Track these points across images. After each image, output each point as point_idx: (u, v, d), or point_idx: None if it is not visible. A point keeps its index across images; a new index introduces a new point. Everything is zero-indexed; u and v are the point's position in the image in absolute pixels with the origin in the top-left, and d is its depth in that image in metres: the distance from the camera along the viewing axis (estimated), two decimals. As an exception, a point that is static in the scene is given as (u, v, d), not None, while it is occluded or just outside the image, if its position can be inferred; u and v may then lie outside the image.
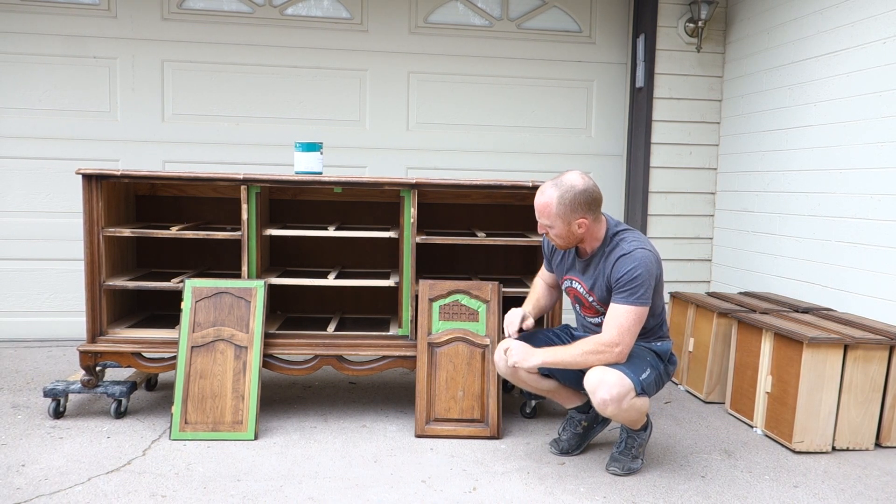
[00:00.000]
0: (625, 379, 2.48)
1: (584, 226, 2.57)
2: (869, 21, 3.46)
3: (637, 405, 2.53)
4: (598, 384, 2.47)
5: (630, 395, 2.48)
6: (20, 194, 4.38)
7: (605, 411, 2.49)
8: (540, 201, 2.58)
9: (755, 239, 4.33)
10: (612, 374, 2.48)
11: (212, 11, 4.48)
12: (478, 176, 4.55)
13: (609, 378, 2.47)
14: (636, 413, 2.56)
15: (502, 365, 2.76)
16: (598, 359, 2.51)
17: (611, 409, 2.48)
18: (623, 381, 2.47)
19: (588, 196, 2.54)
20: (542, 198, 2.58)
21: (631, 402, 2.50)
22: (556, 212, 2.55)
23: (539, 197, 2.59)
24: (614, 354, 2.51)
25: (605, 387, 2.46)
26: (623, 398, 2.47)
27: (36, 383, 3.59)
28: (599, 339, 2.53)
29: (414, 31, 4.65)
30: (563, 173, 2.60)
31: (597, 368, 2.51)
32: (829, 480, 2.70)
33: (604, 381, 2.47)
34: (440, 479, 2.62)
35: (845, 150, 3.60)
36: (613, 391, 2.45)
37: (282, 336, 3.19)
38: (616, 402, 2.46)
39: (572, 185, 2.54)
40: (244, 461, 2.72)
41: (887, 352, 2.97)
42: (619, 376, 2.47)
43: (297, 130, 4.51)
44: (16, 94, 4.34)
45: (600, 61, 4.82)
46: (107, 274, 3.15)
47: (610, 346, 2.51)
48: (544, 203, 2.57)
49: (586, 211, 2.55)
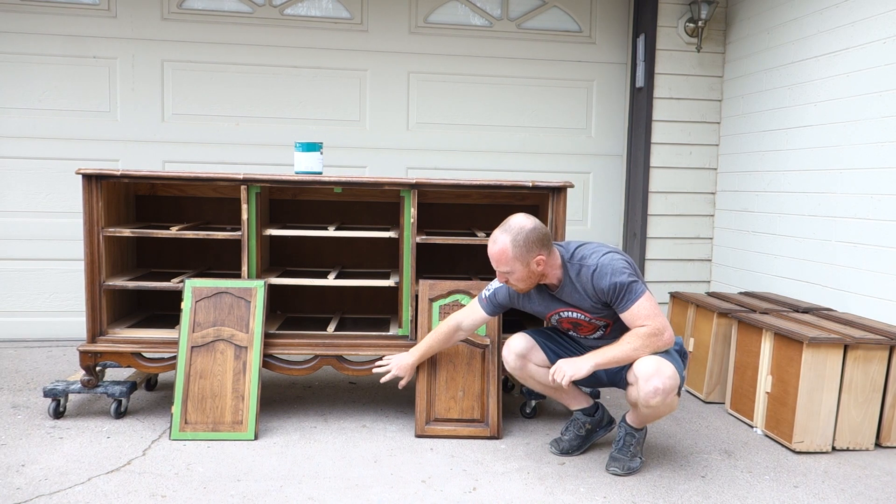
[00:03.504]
0: (677, 375, 2.53)
1: (542, 262, 2.57)
2: (869, 21, 3.46)
3: (674, 403, 2.60)
4: (655, 373, 2.48)
5: (675, 390, 2.54)
6: (20, 194, 4.38)
7: (652, 400, 2.50)
8: (494, 250, 2.57)
9: (755, 239, 4.33)
10: (668, 367, 2.51)
11: (212, 11, 4.48)
12: (478, 176, 4.55)
13: (666, 369, 2.50)
14: (668, 409, 2.61)
15: (512, 360, 2.81)
16: (651, 349, 2.53)
17: (658, 399, 2.49)
18: (676, 376, 2.52)
19: (539, 233, 2.55)
20: (495, 246, 2.57)
21: (672, 398, 2.56)
22: (512, 255, 2.54)
23: (492, 247, 2.58)
24: (665, 339, 2.53)
25: (660, 377, 2.48)
26: (671, 391, 2.51)
27: (36, 383, 3.59)
28: (644, 332, 2.52)
29: (414, 31, 4.65)
30: (508, 219, 2.60)
31: (652, 357, 2.52)
32: (830, 480, 2.70)
33: (661, 370, 2.49)
34: (440, 479, 2.62)
35: (845, 150, 3.60)
36: (668, 383, 2.49)
37: (282, 336, 3.19)
38: (665, 394, 2.49)
39: (521, 227, 2.55)
40: (244, 461, 2.72)
41: (887, 352, 2.98)
42: (674, 370, 2.52)
43: (297, 130, 4.51)
44: (16, 94, 4.33)
45: (600, 61, 4.82)
46: (107, 274, 3.15)
47: (656, 334, 2.52)
48: (500, 251, 2.55)
49: (541, 248, 2.55)
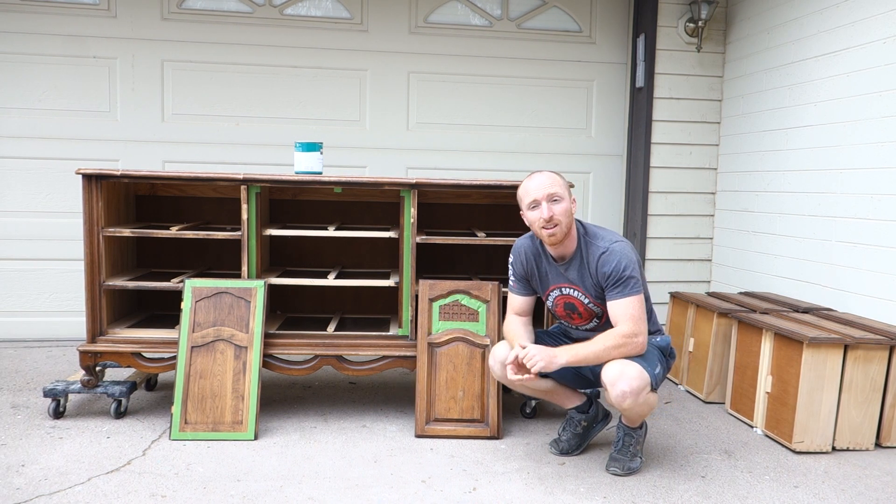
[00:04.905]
0: (644, 373, 2.50)
1: (575, 206, 2.63)
2: (869, 21, 3.46)
3: (650, 400, 2.57)
4: (619, 377, 2.47)
5: (647, 389, 2.51)
6: (20, 194, 4.38)
7: (623, 404, 2.50)
8: (543, 177, 2.61)
9: (755, 239, 4.33)
10: (632, 368, 2.49)
11: (212, 11, 4.48)
12: (478, 176, 4.55)
13: (629, 371, 2.48)
14: (647, 408, 2.58)
15: (497, 369, 2.77)
16: (622, 351, 2.52)
17: (628, 401, 2.48)
18: (642, 375, 2.49)
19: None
20: (542, 175, 2.62)
21: (646, 397, 2.53)
22: (561, 182, 2.61)
23: (539, 176, 2.62)
24: (637, 344, 2.52)
25: (625, 379, 2.46)
26: (641, 392, 2.49)
27: (36, 383, 3.59)
28: (619, 332, 2.53)
29: (414, 31, 4.65)
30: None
31: (616, 361, 2.51)
32: (830, 480, 2.70)
33: (624, 373, 2.47)
34: (440, 479, 2.62)
35: (845, 150, 3.60)
36: (633, 384, 2.47)
37: (282, 336, 3.19)
38: (634, 396, 2.47)
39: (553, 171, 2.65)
40: (244, 461, 2.72)
41: (887, 352, 2.97)
42: (639, 370, 2.49)
43: (297, 130, 4.50)
44: (16, 94, 4.33)
45: (600, 61, 4.82)
46: (107, 274, 3.15)
47: (631, 336, 2.51)
48: (550, 175, 2.62)
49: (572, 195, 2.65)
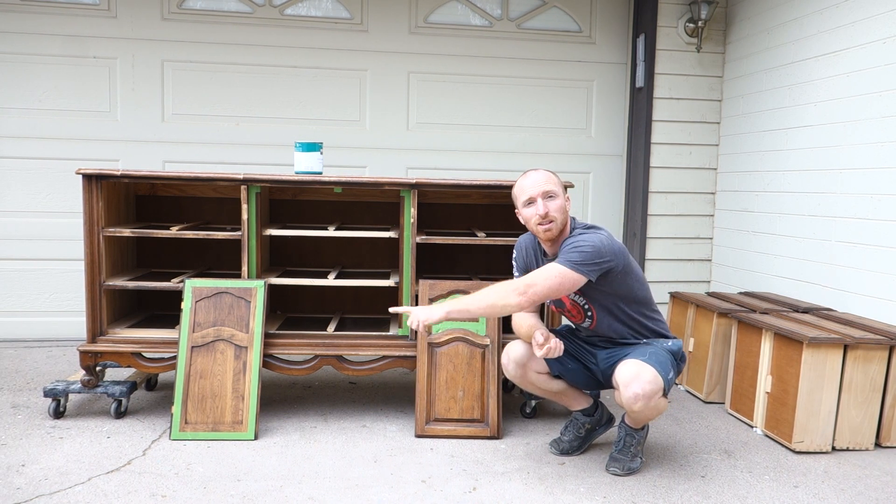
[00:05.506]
0: (658, 378, 2.48)
1: (569, 204, 2.65)
2: (869, 21, 3.46)
3: (660, 405, 2.56)
4: (634, 378, 2.46)
5: (659, 393, 2.50)
6: (20, 194, 4.38)
7: (634, 406, 2.48)
8: (538, 174, 2.63)
9: (755, 239, 4.33)
10: (648, 371, 2.47)
11: (212, 11, 4.48)
12: (478, 176, 4.55)
13: (645, 374, 2.47)
14: (656, 412, 2.58)
15: (512, 368, 2.77)
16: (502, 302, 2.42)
17: (640, 404, 2.47)
18: (657, 380, 2.47)
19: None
20: (538, 172, 2.65)
21: (657, 401, 2.51)
22: (556, 179, 2.63)
23: (533, 174, 2.64)
24: (513, 301, 2.41)
25: (639, 382, 2.45)
26: (654, 395, 2.48)
27: (36, 383, 3.59)
28: (510, 285, 2.45)
29: (414, 31, 4.65)
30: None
31: (632, 363, 2.50)
32: (829, 480, 2.70)
33: (640, 376, 2.46)
34: (440, 479, 2.62)
35: (845, 150, 3.60)
36: (647, 388, 2.45)
37: (282, 336, 3.19)
38: (646, 399, 2.46)
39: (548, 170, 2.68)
40: (244, 461, 2.72)
41: (887, 352, 2.97)
42: (654, 374, 2.48)
43: (297, 130, 4.50)
44: (16, 94, 4.33)
45: (600, 61, 4.82)
46: (107, 274, 3.15)
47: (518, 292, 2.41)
48: (545, 172, 2.64)
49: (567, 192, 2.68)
